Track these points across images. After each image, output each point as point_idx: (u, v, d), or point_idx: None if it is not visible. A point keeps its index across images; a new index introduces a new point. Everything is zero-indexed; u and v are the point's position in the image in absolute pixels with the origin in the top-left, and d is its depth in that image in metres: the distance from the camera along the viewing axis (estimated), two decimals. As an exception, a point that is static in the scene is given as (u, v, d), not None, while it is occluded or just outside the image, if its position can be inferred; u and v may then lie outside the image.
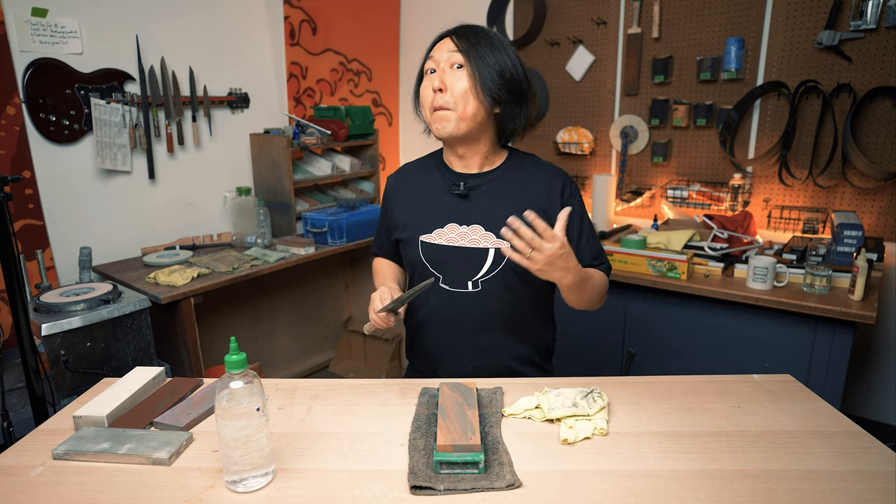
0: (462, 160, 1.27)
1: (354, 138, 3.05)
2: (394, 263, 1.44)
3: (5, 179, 1.41)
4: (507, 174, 1.26)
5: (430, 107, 1.19)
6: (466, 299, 1.25)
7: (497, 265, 1.22)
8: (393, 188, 1.38)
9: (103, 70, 2.39)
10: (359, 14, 3.26)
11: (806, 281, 1.94)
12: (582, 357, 2.42)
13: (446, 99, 1.16)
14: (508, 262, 1.21)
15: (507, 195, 1.24)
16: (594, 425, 0.99)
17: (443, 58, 1.17)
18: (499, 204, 1.23)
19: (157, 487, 0.85)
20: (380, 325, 1.18)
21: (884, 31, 2.14)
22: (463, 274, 1.24)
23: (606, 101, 2.86)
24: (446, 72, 1.17)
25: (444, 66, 1.17)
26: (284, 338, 3.12)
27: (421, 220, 1.28)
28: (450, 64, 1.17)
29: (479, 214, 1.23)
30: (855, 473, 0.86)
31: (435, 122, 1.19)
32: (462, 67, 1.16)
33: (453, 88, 1.16)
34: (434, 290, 1.26)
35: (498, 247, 1.21)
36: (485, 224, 1.23)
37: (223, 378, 0.82)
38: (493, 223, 1.22)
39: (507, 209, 1.21)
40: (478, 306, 1.25)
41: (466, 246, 1.23)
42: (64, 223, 2.36)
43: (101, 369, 1.87)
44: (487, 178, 1.26)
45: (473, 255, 1.23)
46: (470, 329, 1.26)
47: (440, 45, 1.20)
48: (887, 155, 2.22)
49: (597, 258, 1.30)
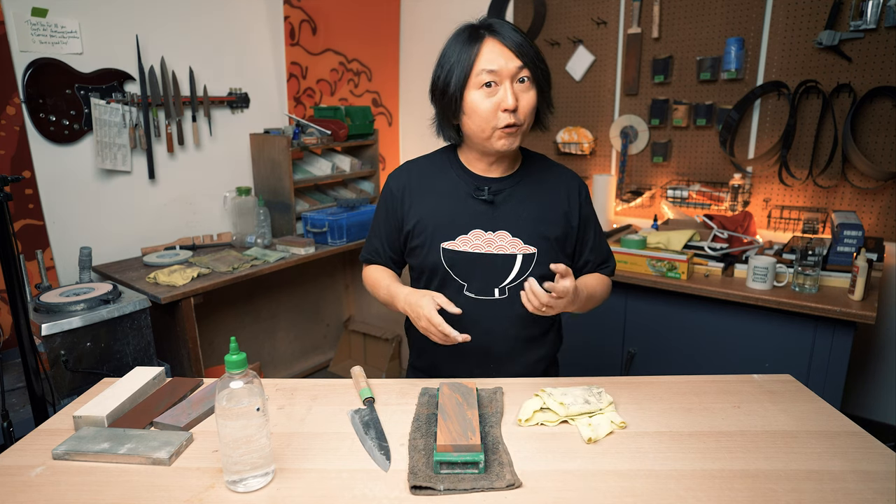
0: (490, 165, 1.23)
1: (354, 138, 3.05)
2: (391, 271, 1.33)
3: (5, 179, 1.41)
4: (527, 177, 1.25)
5: (493, 123, 1.12)
6: (493, 307, 1.22)
7: (525, 271, 1.20)
8: (402, 187, 1.26)
9: (103, 70, 2.39)
10: (359, 14, 3.26)
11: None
12: (582, 357, 2.41)
13: (518, 117, 1.11)
14: (535, 267, 1.20)
15: (531, 200, 1.23)
16: (610, 419, 0.99)
17: (506, 70, 1.09)
18: (523, 208, 1.22)
19: (157, 487, 0.85)
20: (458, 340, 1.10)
21: (884, 31, 2.14)
22: (490, 281, 1.21)
23: (606, 101, 2.86)
24: (513, 86, 1.10)
25: (508, 82, 1.10)
26: (284, 338, 3.12)
27: (441, 226, 1.21)
28: (516, 78, 1.10)
29: (506, 220, 1.21)
30: (855, 473, 0.86)
31: (499, 139, 1.13)
32: (525, 81, 1.11)
33: (523, 106, 1.11)
34: (458, 297, 1.22)
35: (525, 252, 1.20)
36: (511, 230, 1.20)
37: (223, 378, 0.82)
38: (519, 228, 1.20)
39: (532, 214, 1.22)
40: (505, 313, 1.22)
41: (493, 252, 1.20)
42: (64, 223, 2.36)
43: (101, 369, 1.87)
44: (510, 182, 1.23)
45: (500, 261, 1.20)
46: (496, 335, 1.24)
47: (493, 53, 1.09)
48: (887, 155, 2.22)
49: (605, 262, 1.33)
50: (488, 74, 1.09)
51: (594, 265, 1.31)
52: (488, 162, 1.23)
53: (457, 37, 1.14)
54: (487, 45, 1.10)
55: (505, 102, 1.09)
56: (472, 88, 1.11)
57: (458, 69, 1.11)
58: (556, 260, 1.20)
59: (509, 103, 1.09)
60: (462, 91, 1.12)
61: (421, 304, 1.11)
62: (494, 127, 1.12)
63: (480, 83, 1.10)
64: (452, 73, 1.12)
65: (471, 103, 1.12)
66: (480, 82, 1.10)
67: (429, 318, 1.09)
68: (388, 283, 1.25)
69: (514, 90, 1.10)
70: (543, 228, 1.22)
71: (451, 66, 1.12)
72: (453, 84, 1.12)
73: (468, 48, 1.11)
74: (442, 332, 1.08)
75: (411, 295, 1.16)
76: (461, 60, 1.11)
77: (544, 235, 1.21)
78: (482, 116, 1.12)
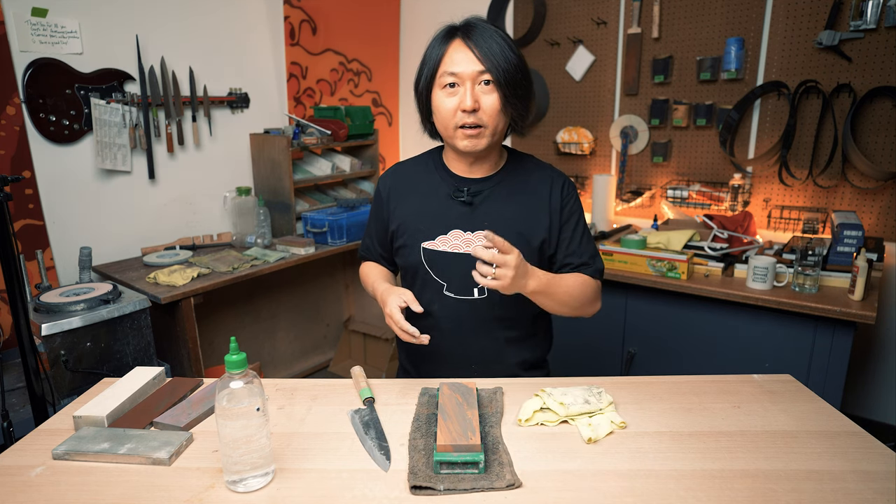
0: (470, 166, 1.24)
1: (354, 138, 3.05)
2: (383, 268, 1.38)
3: (5, 179, 1.41)
4: (508, 177, 1.25)
5: (453, 123, 1.14)
6: (473, 306, 1.23)
7: None
8: (388, 189, 1.31)
9: (103, 70, 2.39)
10: (359, 14, 3.26)
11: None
12: (582, 357, 2.42)
13: (480, 118, 1.13)
14: None
15: (510, 199, 1.23)
16: (610, 419, 0.99)
17: (466, 73, 1.11)
18: (503, 209, 1.22)
19: (157, 487, 0.85)
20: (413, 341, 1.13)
21: (884, 31, 2.14)
22: (469, 281, 1.20)
23: (606, 101, 2.86)
24: (474, 89, 1.12)
25: (469, 83, 1.12)
26: (284, 338, 3.12)
27: (422, 226, 1.24)
28: (477, 81, 1.12)
29: (484, 220, 1.22)
30: (855, 473, 0.86)
31: (462, 140, 1.16)
32: (490, 84, 1.12)
33: (485, 107, 1.13)
34: (439, 297, 1.24)
35: None
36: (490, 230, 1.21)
37: (223, 378, 0.82)
38: (498, 229, 1.20)
39: (511, 214, 1.22)
40: (484, 313, 1.24)
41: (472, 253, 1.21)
42: (64, 223, 2.36)
43: (101, 369, 1.87)
44: (490, 182, 1.24)
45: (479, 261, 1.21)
46: (476, 336, 1.25)
47: (458, 55, 1.12)
48: (887, 155, 2.22)
49: (585, 264, 1.26)
50: (450, 76, 1.13)
51: (575, 266, 1.26)
52: (468, 162, 1.24)
53: (436, 36, 1.18)
54: (453, 47, 1.14)
55: (463, 103, 1.12)
56: (437, 88, 1.16)
57: (427, 69, 1.17)
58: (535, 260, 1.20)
59: (467, 104, 1.12)
60: (429, 90, 1.17)
61: (386, 302, 1.16)
62: (455, 126, 1.15)
63: (444, 83, 1.14)
64: (423, 73, 1.17)
65: (435, 102, 1.17)
66: (444, 83, 1.14)
67: (389, 315, 1.14)
68: (374, 279, 1.31)
69: (475, 92, 1.12)
70: (523, 229, 1.22)
71: (423, 65, 1.18)
72: (422, 83, 1.18)
73: (438, 49, 1.15)
74: (401, 328, 1.12)
75: (385, 292, 1.20)
76: (430, 60, 1.16)
77: (524, 235, 1.21)
78: (443, 116, 1.16)
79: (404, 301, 1.15)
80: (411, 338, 1.12)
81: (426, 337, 1.13)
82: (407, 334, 1.12)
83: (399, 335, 1.14)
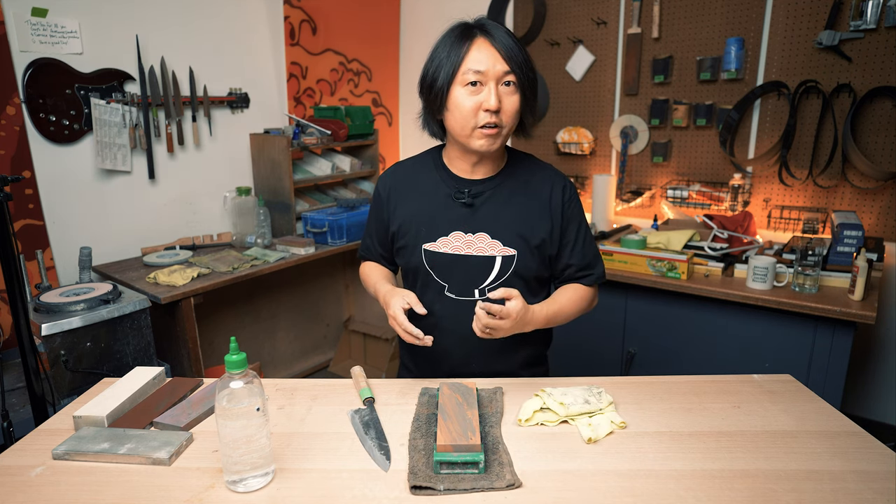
0: (473, 166, 1.24)
1: (354, 138, 3.05)
2: (384, 268, 1.38)
3: (5, 179, 1.41)
4: (509, 179, 1.25)
5: (473, 122, 1.13)
6: (473, 307, 1.22)
7: (504, 273, 1.21)
8: (388, 189, 1.30)
9: (103, 70, 2.39)
10: (359, 14, 3.26)
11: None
12: (582, 357, 2.42)
13: (500, 119, 1.12)
14: (515, 268, 1.21)
15: (512, 201, 1.23)
16: (610, 419, 0.99)
17: (492, 72, 1.10)
18: (503, 210, 1.22)
19: (157, 487, 0.85)
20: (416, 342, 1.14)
21: (884, 31, 2.14)
22: (469, 283, 1.22)
23: (606, 101, 2.86)
24: (498, 88, 1.11)
25: (493, 83, 1.11)
26: (284, 338, 3.12)
27: (423, 228, 1.24)
28: (501, 81, 1.11)
29: (485, 222, 1.22)
30: (855, 473, 0.86)
31: (479, 139, 1.14)
32: (511, 85, 1.12)
33: (506, 108, 1.12)
34: (440, 297, 1.24)
35: (505, 254, 1.20)
36: (490, 232, 1.21)
37: (223, 378, 0.82)
38: (498, 230, 1.20)
39: (512, 216, 1.22)
40: None
41: (473, 254, 1.21)
42: (64, 223, 2.36)
43: (101, 369, 1.87)
44: (491, 183, 1.24)
45: (480, 263, 1.21)
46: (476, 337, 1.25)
47: (482, 53, 1.11)
48: (887, 155, 2.22)
49: (587, 267, 1.27)
50: (475, 74, 1.11)
51: (577, 269, 1.27)
52: (470, 162, 1.23)
53: (450, 33, 1.16)
54: (477, 45, 1.12)
55: (487, 102, 1.11)
56: (458, 85, 1.13)
57: (447, 65, 1.13)
58: (536, 262, 1.22)
59: (492, 104, 1.10)
60: (448, 87, 1.14)
61: (390, 303, 1.17)
62: (474, 125, 1.14)
63: (466, 81, 1.12)
64: (441, 69, 1.14)
65: (454, 99, 1.14)
66: (466, 80, 1.12)
67: (393, 317, 1.15)
68: (375, 280, 1.31)
69: (498, 92, 1.11)
70: (523, 230, 1.21)
71: (440, 62, 1.14)
72: (441, 79, 1.14)
73: (459, 45, 1.12)
74: (404, 329, 1.13)
75: (388, 294, 1.21)
76: (451, 56, 1.13)
77: (524, 237, 1.21)
78: (463, 114, 1.13)
79: (407, 303, 1.15)
80: (415, 339, 1.13)
81: (429, 338, 1.13)
82: (411, 336, 1.13)
83: (403, 337, 1.15)
